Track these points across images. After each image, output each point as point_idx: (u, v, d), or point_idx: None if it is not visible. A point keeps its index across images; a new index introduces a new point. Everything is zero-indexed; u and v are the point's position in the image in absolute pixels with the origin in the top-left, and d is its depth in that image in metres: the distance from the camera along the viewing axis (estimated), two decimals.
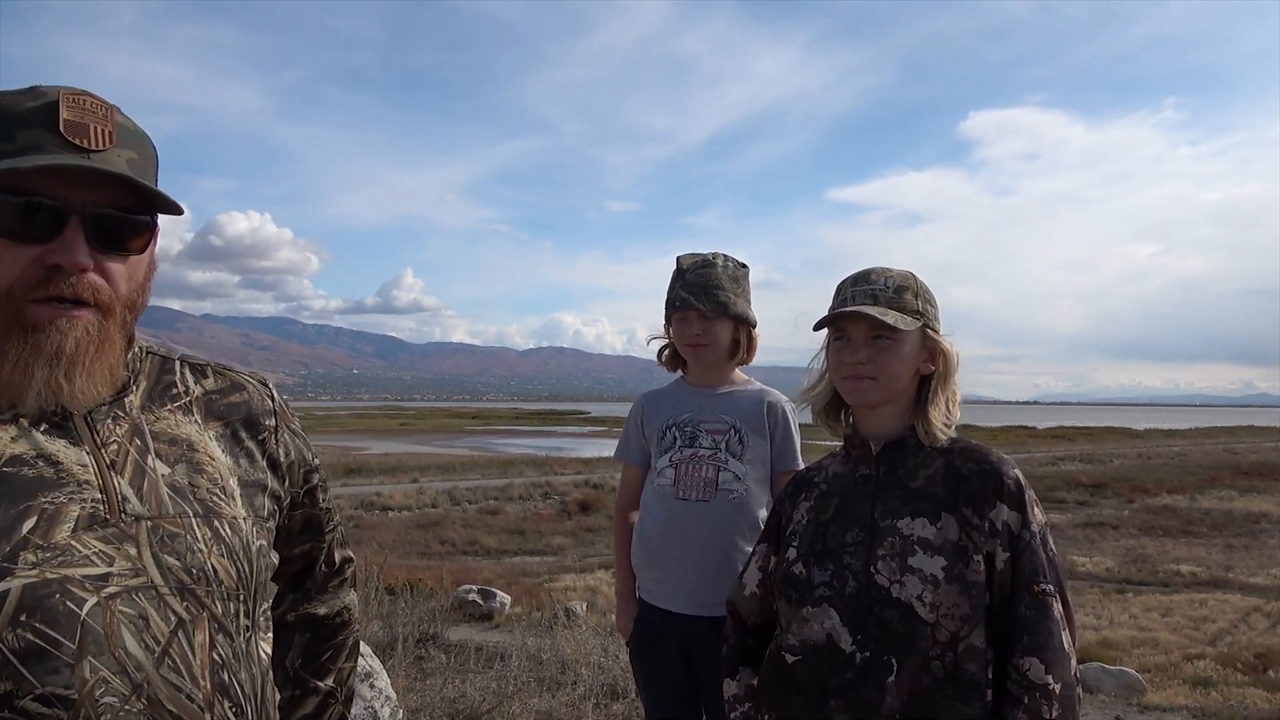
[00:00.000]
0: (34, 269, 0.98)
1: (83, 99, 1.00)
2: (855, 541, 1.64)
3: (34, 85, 1.01)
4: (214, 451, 1.14)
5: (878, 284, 1.68)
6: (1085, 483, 23.47)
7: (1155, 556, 13.81)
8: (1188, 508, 19.59)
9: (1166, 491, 22.44)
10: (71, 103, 0.99)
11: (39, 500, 0.97)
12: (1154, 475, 26.10)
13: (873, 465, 1.70)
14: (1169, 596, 10.79)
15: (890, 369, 1.65)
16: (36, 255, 0.98)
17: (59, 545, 0.96)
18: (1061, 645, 1.54)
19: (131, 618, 0.97)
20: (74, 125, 0.99)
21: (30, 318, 0.98)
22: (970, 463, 1.65)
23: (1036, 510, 1.62)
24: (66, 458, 1.01)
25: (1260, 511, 18.60)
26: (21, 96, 1.00)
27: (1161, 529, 16.46)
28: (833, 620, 1.61)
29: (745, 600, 1.83)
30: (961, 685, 1.53)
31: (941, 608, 1.54)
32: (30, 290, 0.98)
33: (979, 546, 1.57)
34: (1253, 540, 15.35)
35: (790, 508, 1.79)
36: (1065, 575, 1.64)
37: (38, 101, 0.99)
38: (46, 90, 1.00)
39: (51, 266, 0.98)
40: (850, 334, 1.67)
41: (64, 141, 0.98)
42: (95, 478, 1.01)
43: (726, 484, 2.35)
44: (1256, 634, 9.00)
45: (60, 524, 0.97)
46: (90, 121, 1.00)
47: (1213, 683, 7.14)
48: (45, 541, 0.95)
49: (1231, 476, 26.08)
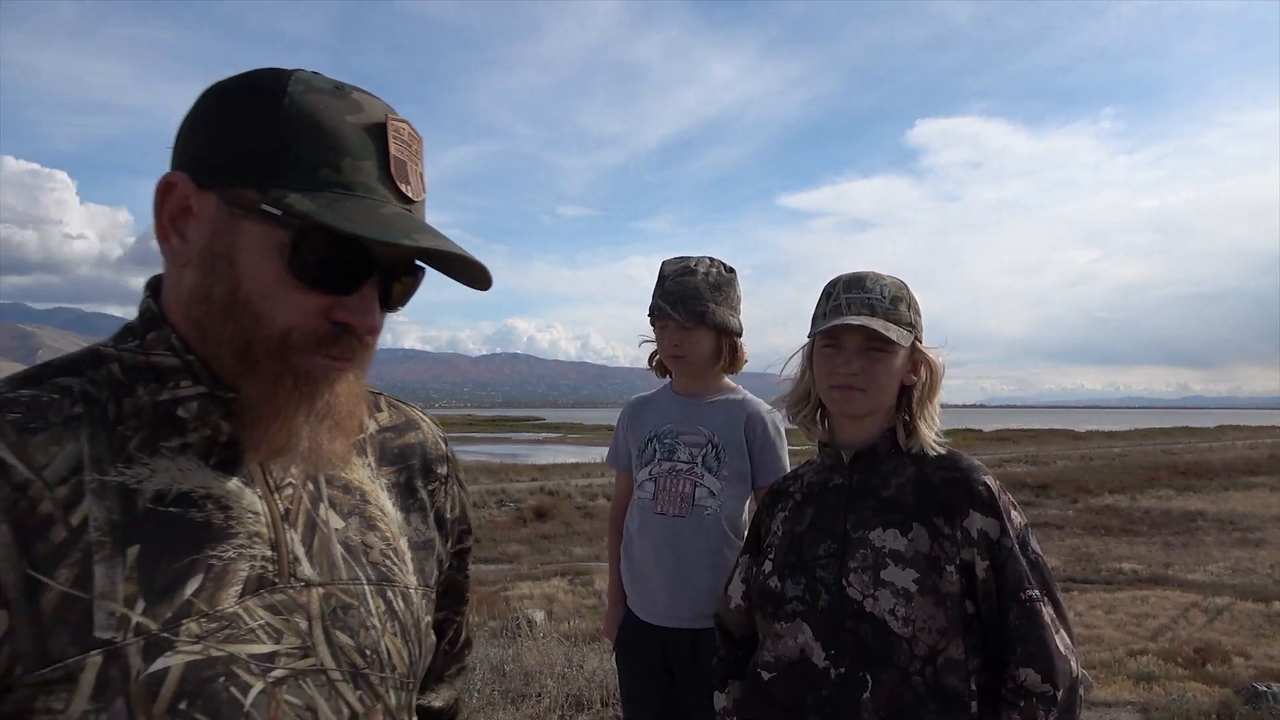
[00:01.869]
0: (318, 322, 0.81)
1: (402, 127, 0.84)
2: (828, 554, 1.60)
3: (343, 86, 0.83)
4: (385, 504, 0.97)
5: (874, 293, 1.63)
6: (1030, 484, 23.98)
7: (1099, 555, 14.18)
8: (1129, 507, 20.14)
9: (1108, 491, 23.05)
10: (395, 133, 0.83)
11: (205, 553, 0.80)
12: (1096, 476, 26.78)
13: (846, 474, 1.66)
14: (1112, 594, 11.09)
15: (881, 381, 1.61)
16: (324, 307, 0.81)
17: (225, 614, 0.79)
18: (1057, 649, 1.51)
19: (299, 709, 0.81)
20: (399, 164, 0.83)
21: (300, 367, 0.82)
22: (941, 470, 1.62)
23: (1014, 514, 1.59)
24: (237, 502, 0.83)
25: (1196, 510, 19.20)
26: (339, 104, 0.81)
27: (1104, 528, 16.90)
28: (806, 635, 1.57)
29: (731, 613, 1.80)
30: (944, 699, 1.51)
31: (916, 621, 1.51)
32: (307, 344, 0.81)
33: (951, 556, 1.54)
34: (1190, 538, 15.84)
35: (769, 518, 1.77)
36: (1051, 575, 1.60)
37: (360, 119, 0.81)
38: (365, 102, 0.83)
39: (340, 324, 0.82)
40: (844, 343, 1.62)
41: (390, 183, 0.82)
42: (267, 530, 0.84)
43: (702, 500, 2.33)
44: (1195, 629, 9.30)
45: (227, 586, 0.80)
46: (408, 160, 0.84)
47: (1155, 677, 7.35)
48: (210, 608, 0.78)
49: (1169, 476, 26.87)
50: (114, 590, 0.75)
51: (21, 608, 0.72)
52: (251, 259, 0.80)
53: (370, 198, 0.80)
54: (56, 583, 0.74)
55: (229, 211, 0.80)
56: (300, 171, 0.79)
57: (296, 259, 0.79)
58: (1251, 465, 30.92)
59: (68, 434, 0.78)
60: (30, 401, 0.79)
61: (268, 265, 0.79)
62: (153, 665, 0.74)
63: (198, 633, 0.77)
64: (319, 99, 0.80)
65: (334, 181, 0.79)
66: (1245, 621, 9.66)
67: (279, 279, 0.80)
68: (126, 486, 0.78)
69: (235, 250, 0.80)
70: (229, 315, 0.81)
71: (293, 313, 0.80)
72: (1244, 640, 8.77)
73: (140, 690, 0.74)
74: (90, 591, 0.74)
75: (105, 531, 0.76)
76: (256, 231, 0.79)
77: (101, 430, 0.80)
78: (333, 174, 0.79)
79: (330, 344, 0.82)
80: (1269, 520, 17.54)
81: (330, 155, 0.79)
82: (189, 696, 0.75)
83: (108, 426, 0.80)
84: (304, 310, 0.81)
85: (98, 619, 0.74)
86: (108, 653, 0.73)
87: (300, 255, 0.79)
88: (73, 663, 0.72)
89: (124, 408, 0.82)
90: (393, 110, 0.84)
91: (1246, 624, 9.55)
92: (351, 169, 0.80)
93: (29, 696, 0.72)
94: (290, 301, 0.80)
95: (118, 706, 0.73)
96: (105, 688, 0.73)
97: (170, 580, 0.77)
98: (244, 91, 0.81)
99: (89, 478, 0.77)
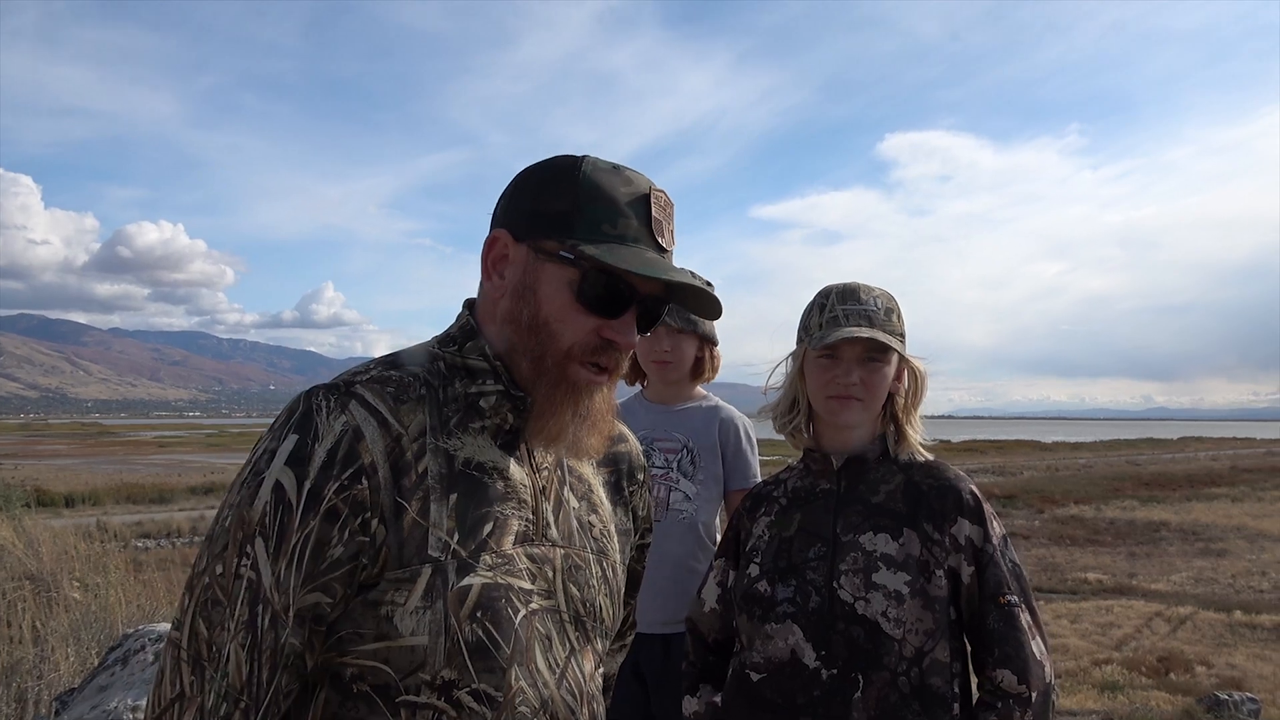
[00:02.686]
0: (592, 338, 1.08)
1: (660, 195, 1.10)
2: (818, 557, 1.63)
3: (619, 167, 1.10)
4: (602, 495, 1.25)
5: (869, 304, 1.66)
6: (998, 494, 24.23)
7: (1064, 565, 14.32)
8: (1094, 517, 20.40)
9: (1074, 502, 23.33)
10: (656, 199, 1.09)
11: (494, 508, 1.07)
12: (1062, 487, 27.11)
13: (834, 480, 1.69)
14: (1077, 604, 11.20)
15: (878, 390, 1.65)
16: (597, 326, 1.08)
17: (505, 554, 1.06)
18: (1033, 654, 1.55)
19: (542, 636, 1.07)
20: (658, 224, 1.09)
21: (575, 378, 1.08)
22: (929, 479, 1.66)
23: (995, 523, 1.65)
24: (513, 474, 1.10)
25: (1160, 520, 19.48)
26: (616, 179, 1.08)
27: (1069, 538, 17.09)
28: (796, 636, 1.60)
29: (705, 616, 1.81)
30: (928, 699, 1.54)
31: (906, 623, 1.55)
32: (584, 355, 1.08)
33: (940, 561, 1.59)
34: (1154, 548, 16.06)
35: (749, 522, 1.78)
36: (1028, 583, 1.66)
37: (632, 191, 1.08)
38: (635, 178, 1.09)
39: (607, 340, 1.08)
40: (842, 354, 1.65)
41: (650, 236, 1.08)
42: (530, 498, 1.11)
43: (677, 504, 2.34)
44: (1159, 638, 9.40)
45: (507, 534, 1.07)
46: (664, 220, 1.10)
47: (1120, 686, 7.42)
48: (498, 548, 1.05)
49: (1133, 487, 27.27)
50: (442, 523, 1.03)
51: (392, 523, 1.00)
52: (549, 290, 1.07)
53: (636, 247, 1.06)
54: (411, 510, 1.01)
55: (536, 257, 1.08)
56: (589, 228, 1.06)
57: (582, 291, 1.06)
58: (1214, 476, 31.47)
59: (419, 407, 1.07)
60: (399, 380, 1.08)
61: (560, 295, 1.07)
62: (462, 581, 1.02)
63: (490, 564, 1.04)
64: (602, 175, 1.08)
65: (612, 235, 1.06)
66: (1208, 631, 9.79)
67: (568, 305, 1.07)
68: (449, 451, 1.07)
69: (539, 284, 1.08)
70: (532, 332, 1.08)
71: (576, 330, 1.07)
72: (1206, 649, 8.88)
73: (454, 598, 1.01)
74: (428, 521, 1.02)
75: (438, 480, 1.04)
76: (555, 271, 1.07)
77: (435, 408, 1.08)
78: (611, 229, 1.06)
79: (600, 355, 1.09)
80: (1230, 531, 17.83)
81: (610, 215, 1.06)
82: (482, 608, 1.02)
83: (438, 406, 1.09)
84: (584, 329, 1.07)
85: (431, 541, 1.02)
86: (435, 566, 1.01)
87: (585, 288, 1.06)
88: (415, 568, 1.00)
89: (447, 394, 1.10)
90: (655, 184, 1.10)
91: (1209, 633, 9.68)
92: (624, 226, 1.06)
93: (384, 590, 1.00)
94: (575, 322, 1.07)
95: (438, 606, 1.00)
96: (431, 591, 1.00)
97: (474, 523, 1.04)
98: (550, 171, 1.10)
99: (429, 440, 1.05)
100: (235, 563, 0.97)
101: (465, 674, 1.00)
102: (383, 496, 1.00)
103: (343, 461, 0.99)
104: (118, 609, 5.17)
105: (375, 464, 1.00)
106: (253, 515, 0.98)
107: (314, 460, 0.98)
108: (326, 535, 0.98)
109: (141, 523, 19.08)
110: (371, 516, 0.99)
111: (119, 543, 12.90)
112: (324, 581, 0.98)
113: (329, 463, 0.99)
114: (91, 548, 6.49)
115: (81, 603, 5.24)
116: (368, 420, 1.02)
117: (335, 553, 0.98)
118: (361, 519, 0.99)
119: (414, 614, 0.99)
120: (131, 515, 20.42)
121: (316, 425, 1.00)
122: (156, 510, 22.77)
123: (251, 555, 0.97)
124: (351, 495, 0.98)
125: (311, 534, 0.97)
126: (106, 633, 4.86)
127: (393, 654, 0.99)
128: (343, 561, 0.98)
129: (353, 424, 1.01)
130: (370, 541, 0.99)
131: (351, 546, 0.98)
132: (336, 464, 0.99)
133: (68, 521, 15.78)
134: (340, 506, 0.98)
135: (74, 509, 21.41)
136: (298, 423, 1.01)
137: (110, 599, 5.23)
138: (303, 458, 0.99)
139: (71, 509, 21.40)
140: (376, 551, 0.99)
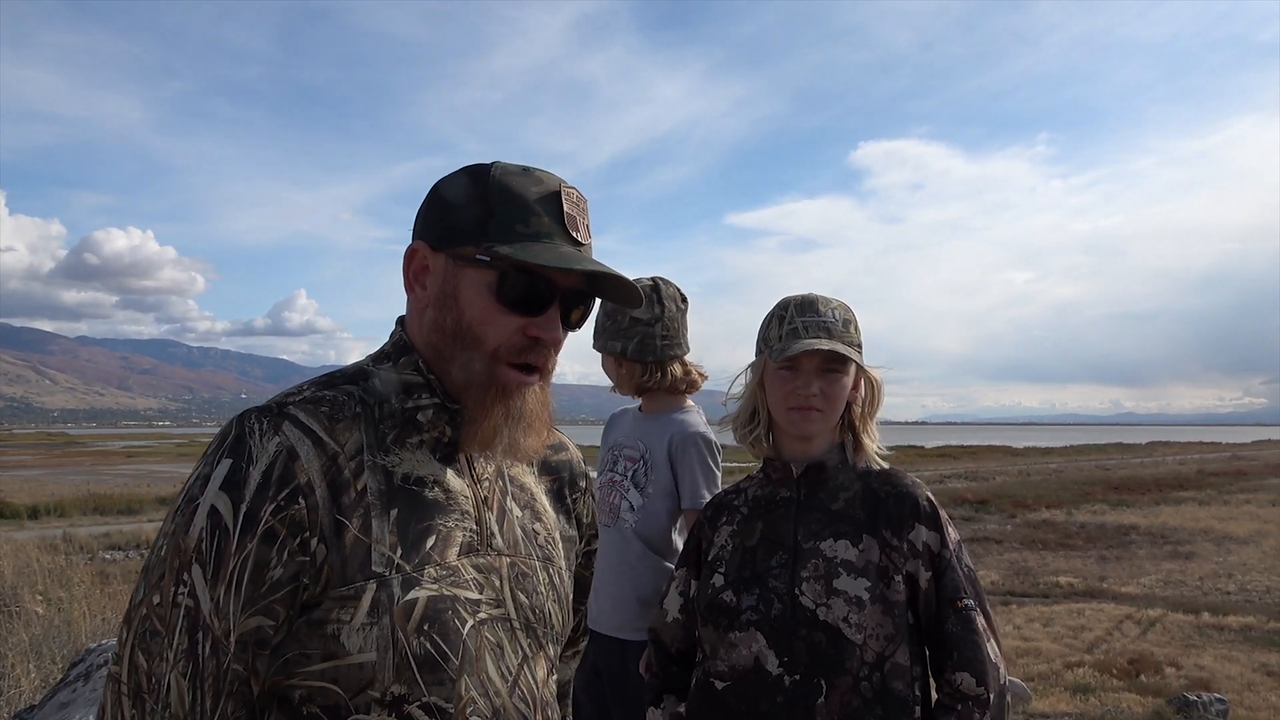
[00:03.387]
0: (517, 337, 1.09)
1: (571, 192, 1.11)
2: (780, 564, 1.64)
3: (529, 168, 1.11)
4: (546, 503, 1.26)
5: (826, 315, 1.68)
6: (970, 499, 24.43)
7: (1036, 569, 14.45)
8: (1065, 522, 20.61)
9: (1045, 507, 23.57)
10: (567, 196, 1.10)
11: (437, 521, 1.07)
12: (1033, 491, 27.38)
13: (794, 488, 1.71)
14: (1049, 607, 11.29)
15: (837, 401, 1.68)
16: (521, 325, 1.09)
17: (451, 566, 1.07)
18: (989, 657, 1.58)
19: (492, 645, 1.07)
20: (570, 219, 1.10)
21: (503, 380, 1.09)
22: (887, 486, 1.68)
23: (950, 529, 1.67)
24: (454, 486, 1.11)
25: (1130, 524, 19.73)
26: (526, 180, 1.09)
27: (1041, 542, 17.26)
28: (759, 644, 1.60)
29: (667, 626, 1.81)
30: (890, 703, 1.56)
31: (868, 628, 1.56)
32: (511, 355, 1.09)
33: (899, 567, 1.60)
34: (1124, 551, 16.25)
35: (711, 531, 1.78)
36: (982, 588, 1.69)
37: (542, 190, 1.09)
38: (545, 177, 1.11)
39: (532, 338, 1.09)
40: (802, 366, 1.66)
41: (564, 232, 1.09)
42: (473, 509, 1.12)
43: (624, 512, 2.38)
44: (1129, 640, 9.50)
45: (451, 545, 1.08)
46: (578, 215, 1.11)
47: (1091, 689, 7.49)
48: (442, 560, 1.06)
49: (1103, 491, 27.60)
50: (384, 538, 1.03)
51: (333, 542, 1.00)
52: (470, 295, 1.08)
53: (550, 242, 1.07)
54: (352, 528, 1.01)
55: (454, 264, 1.09)
56: (502, 229, 1.07)
57: (502, 291, 1.07)
58: (1181, 480, 31.93)
59: (354, 425, 1.07)
60: (333, 400, 1.08)
61: (481, 298, 1.08)
62: (408, 595, 1.02)
63: (435, 576, 1.04)
64: (512, 177, 1.09)
65: (525, 234, 1.07)
66: (1176, 632, 9.91)
67: (490, 307, 1.08)
68: (387, 468, 1.07)
69: (459, 290, 1.09)
70: (458, 338, 1.09)
71: (500, 332, 1.08)
72: (1175, 651, 8.99)
73: (400, 612, 1.01)
74: (370, 537, 1.02)
75: (377, 496, 1.04)
76: (474, 276, 1.08)
77: (372, 425, 1.09)
78: (524, 228, 1.07)
79: (527, 354, 1.09)
80: (1198, 534, 18.10)
81: (522, 215, 1.07)
82: (429, 621, 1.02)
83: (374, 423, 1.09)
84: (508, 329, 1.08)
85: (374, 558, 1.02)
86: (379, 582, 1.01)
87: (504, 288, 1.07)
88: (359, 585, 1.00)
89: (383, 410, 1.10)
90: (565, 182, 1.11)
91: (1178, 635, 9.80)
92: (537, 224, 1.07)
93: (329, 608, 0.99)
94: (498, 324, 1.08)
95: (385, 622, 1.00)
96: (377, 607, 1.00)
97: (417, 536, 1.05)
98: (462, 179, 1.11)
99: (367, 458, 1.06)
100: (173, 591, 0.96)
101: (415, 688, 1.00)
102: (321, 515, 1.00)
103: (278, 483, 0.99)
104: (82, 623, 5.08)
105: (312, 483, 1.00)
106: (188, 543, 0.97)
107: (249, 483, 0.98)
108: (265, 557, 0.97)
109: (109, 534, 18.76)
110: (311, 536, 0.99)
111: (85, 555, 12.67)
112: (265, 604, 0.97)
113: (264, 485, 0.98)
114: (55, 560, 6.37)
115: (44, 617, 5.13)
116: (302, 440, 1.02)
117: (275, 574, 0.98)
118: (300, 539, 0.99)
119: (360, 631, 0.99)
120: (99, 527, 20.08)
121: (250, 448, 1.00)
122: (125, 521, 22.41)
123: (189, 583, 0.96)
124: (289, 516, 0.98)
125: (249, 557, 0.97)
126: (70, 647, 4.77)
127: (341, 673, 0.99)
128: (283, 583, 0.98)
129: (287, 444, 1.01)
130: (310, 561, 0.99)
131: (291, 567, 0.98)
132: (272, 485, 0.98)
133: (32, 534, 15.48)
134: (278, 528, 0.98)
135: (39, 521, 21.02)
136: (231, 447, 1.01)
137: (74, 613, 5.14)
138: (237, 481, 0.98)
139: (37, 521, 21.01)
140: (318, 571, 0.99)
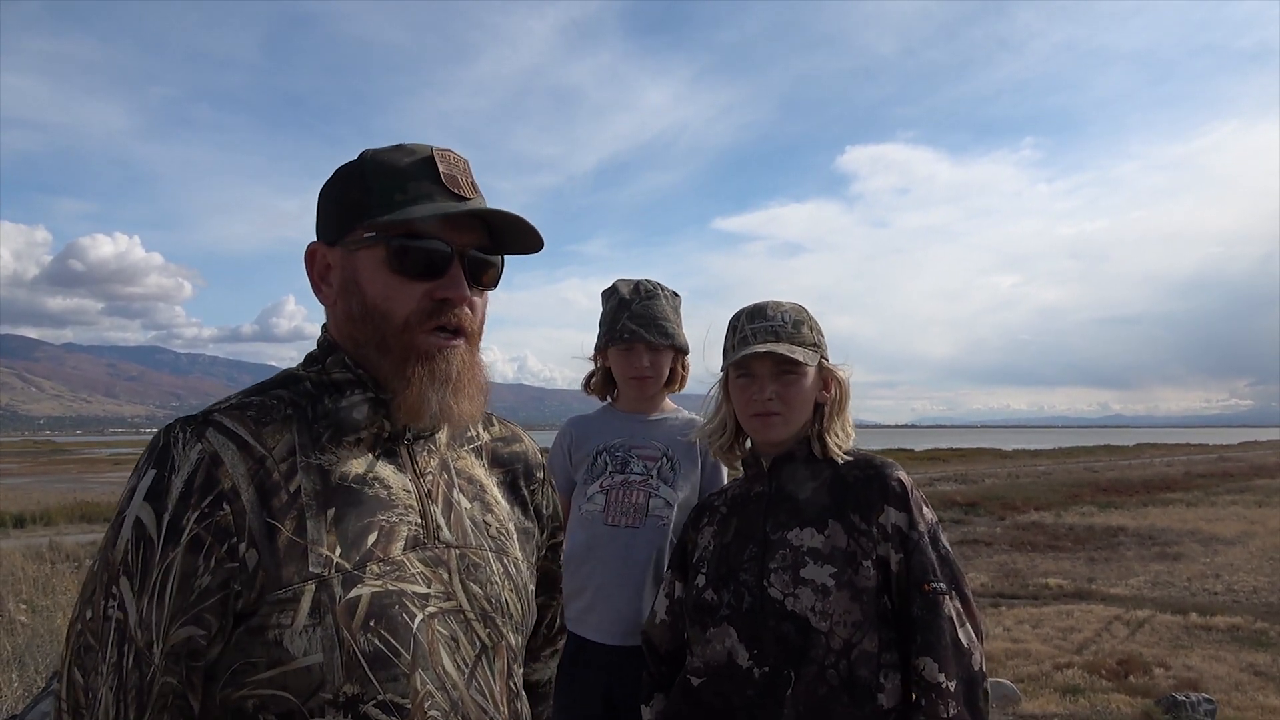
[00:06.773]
0: (425, 302, 1.09)
1: (447, 154, 1.12)
2: (750, 558, 1.64)
3: (400, 144, 1.12)
4: (497, 495, 1.25)
5: (775, 319, 1.69)
6: (960, 502, 24.49)
7: (1025, 571, 14.48)
8: (1054, 523, 20.67)
9: (1034, 509, 23.64)
10: (442, 158, 1.11)
11: (378, 517, 1.07)
12: (1023, 493, 27.47)
13: (765, 482, 1.71)
14: (1039, 608, 11.31)
15: (796, 403, 1.67)
16: (427, 290, 1.09)
17: (395, 561, 1.05)
18: (955, 642, 1.53)
19: (446, 638, 1.06)
20: (450, 178, 1.11)
21: (423, 346, 1.09)
22: (856, 469, 1.68)
23: (925, 510, 1.63)
24: (394, 482, 1.10)
25: (1118, 526, 19.80)
26: (398, 154, 1.11)
27: (1030, 544, 17.31)
28: (732, 638, 1.60)
29: (656, 629, 1.82)
30: (855, 691, 1.53)
31: (834, 616, 1.54)
32: (423, 321, 1.09)
33: (868, 551, 1.58)
34: (1112, 553, 16.31)
35: (694, 533, 1.79)
36: (961, 571, 1.64)
37: (414, 157, 1.10)
38: (416, 147, 1.12)
39: (440, 300, 1.10)
40: (755, 371, 1.67)
41: (446, 191, 1.10)
42: (416, 503, 1.11)
43: (657, 510, 2.32)
44: (1118, 641, 9.53)
45: (395, 542, 1.06)
46: (458, 174, 1.12)
47: (1081, 690, 7.51)
48: (385, 556, 1.05)
49: (1092, 493, 27.71)
50: (321, 538, 1.02)
51: (265, 546, 0.99)
52: (369, 274, 1.09)
53: (431, 202, 1.08)
54: (285, 530, 1.00)
55: (348, 251, 1.11)
56: (382, 203, 1.08)
57: (395, 262, 1.08)
58: (1168, 482, 32.08)
59: (285, 428, 1.07)
60: (260, 404, 1.09)
61: (379, 274, 1.09)
62: (350, 593, 1.00)
63: (378, 573, 1.03)
64: (383, 155, 1.11)
65: (404, 200, 1.08)
66: (1165, 633, 9.95)
67: (389, 280, 1.09)
68: (323, 467, 1.06)
69: (358, 273, 1.10)
70: (367, 320, 1.10)
71: (405, 301, 1.09)
72: (1163, 651, 9.02)
73: (343, 610, 0.99)
74: (305, 538, 1.01)
75: (312, 497, 1.03)
76: (367, 256, 1.09)
77: (305, 427, 1.08)
78: (403, 196, 1.08)
79: (440, 316, 1.09)
80: (1185, 535, 18.18)
81: (399, 185, 1.08)
82: (375, 617, 1.00)
83: (308, 424, 1.09)
84: (413, 297, 1.09)
85: (311, 558, 1.00)
86: (319, 582, 0.99)
87: (396, 258, 1.08)
88: (296, 588, 0.99)
89: (317, 412, 1.10)
90: (439, 147, 1.12)
91: (1166, 635, 9.84)
92: (415, 189, 1.08)
93: (268, 613, 0.98)
94: (401, 294, 1.08)
95: (328, 622, 0.99)
96: (318, 607, 0.99)
97: (357, 534, 1.04)
98: (339, 173, 1.14)
99: (299, 459, 1.05)
100: (103, 605, 0.96)
101: (368, 686, 0.99)
102: (249, 520, 0.99)
103: (201, 490, 0.98)
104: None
105: (237, 488, 1.00)
106: (115, 556, 0.97)
107: (171, 492, 0.98)
108: (192, 566, 0.96)
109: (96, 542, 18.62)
110: (239, 541, 0.98)
111: (72, 563, 12.58)
112: (195, 613, 0.96)
113: (186, 492, 0.98)
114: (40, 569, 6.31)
115: (29, 625, 5.09)
116: (226, 445, 1.02)
117: (203, 582, 0.97)
118: (228, 545, 0.98)
119: (303, 633, 0.98)
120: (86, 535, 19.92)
121: (173, 457, 1.00)
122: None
123: (118, 595, 0.96)
124: (214, 522, 0.98)
125: (174, 566, 0.96)
126: (54, 656, 4.73)
127: (290, 678, 0.98)
128: (212, 590, 0.97)
129: (209, 450, 1.00)
130: (240, 567, 0.98)
131: (220, 574, 0.97)
132: (194, 493, 0.98)
133: (18, 543, 15.35)
134: (203, 535, 0.97)
135: (25, 529, 20.83)
136: (156, 457, 1.00)
137: (58, 621, 5.09)
138: (160, 491, 0.98)
139: (22, 529, 20.82)
140: (250, 576, 0.98)
